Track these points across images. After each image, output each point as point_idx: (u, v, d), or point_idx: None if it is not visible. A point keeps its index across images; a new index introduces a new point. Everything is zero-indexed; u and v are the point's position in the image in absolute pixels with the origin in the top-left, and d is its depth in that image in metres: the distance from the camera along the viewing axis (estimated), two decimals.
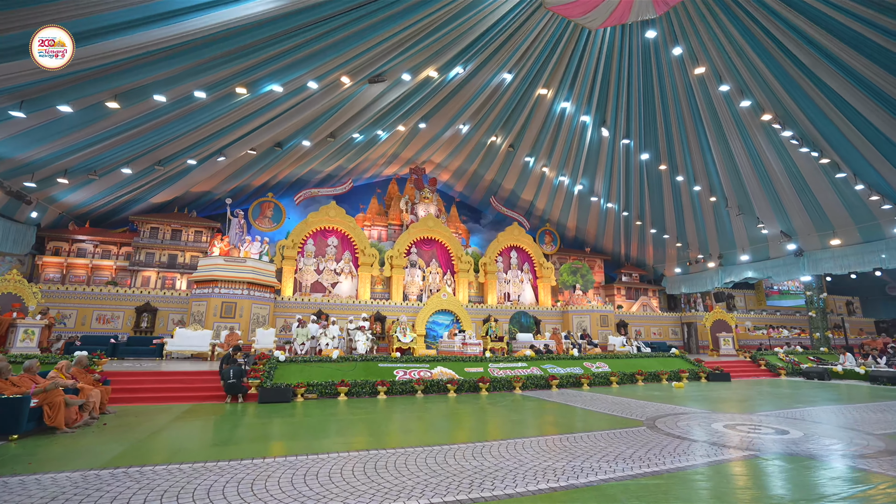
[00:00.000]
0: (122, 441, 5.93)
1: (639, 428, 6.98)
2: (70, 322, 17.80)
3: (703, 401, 10.26)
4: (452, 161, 26.56)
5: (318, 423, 7.66)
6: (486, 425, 7.62)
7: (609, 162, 23.03)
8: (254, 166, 20.45)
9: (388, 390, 11.11)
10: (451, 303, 20.82)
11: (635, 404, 9.59)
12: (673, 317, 28.20)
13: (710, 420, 7.68)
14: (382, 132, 20.73)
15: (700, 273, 27.84)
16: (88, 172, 16.32)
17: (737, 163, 20.03)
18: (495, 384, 12.19)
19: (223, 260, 18.07)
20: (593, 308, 24.00)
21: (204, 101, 13.96)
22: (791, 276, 23.79)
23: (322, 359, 12.31)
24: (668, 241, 27.50)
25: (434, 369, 12.64)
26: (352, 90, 16.70)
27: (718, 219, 23.98)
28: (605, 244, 30.06)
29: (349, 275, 22.81)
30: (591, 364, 14.74)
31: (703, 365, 16.05)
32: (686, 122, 19.45)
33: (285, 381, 10.65)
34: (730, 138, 19.01)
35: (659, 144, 21.11)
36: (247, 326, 17.63)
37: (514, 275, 26.37)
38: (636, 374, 14.24)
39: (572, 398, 10.69)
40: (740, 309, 31.58)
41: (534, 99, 19.93)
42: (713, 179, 21.63)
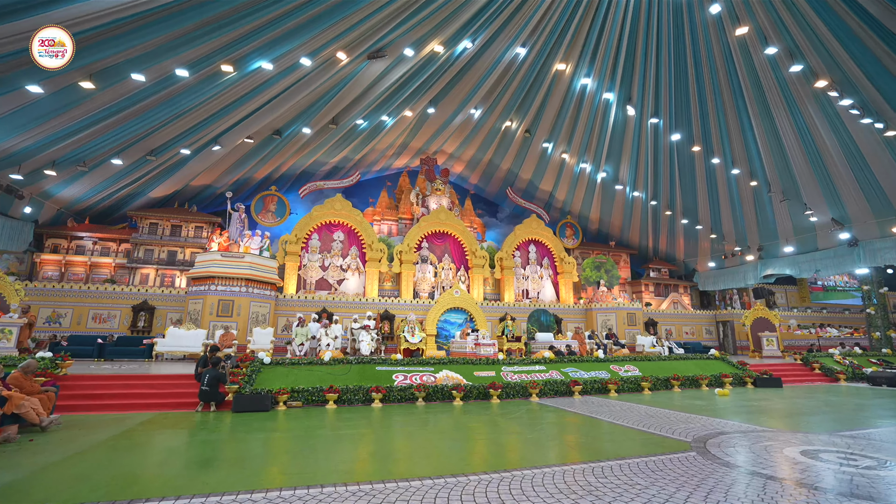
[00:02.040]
0: (19, 468, 4.67)
1: (686, 454, 5.35)
2: (65, 321, 17.18)
3: (758, 413, 8.48)
4: (465, 150, 25.07)
5: (288, 440, 6.32)
6: (487, 448, 6.08)
7: (635, 145, 21.08)
8: (253, 157, 19.41)
9: (385, 397, 9.77)
10: (465, 300, 19.51)
11: (675, 417, 7.91)
12: (706, 315, 26.09)
13: (779, 442, 5.96)
14: (388, 118, 19.39)
15: (737, 268, 25.85)
16: (77, 164, 15.53)
17: (782, 141, 17.77)
18: (508, 390, 10.74)
19: (220, 255, 17.11)
20: (619, 306, 22.18)
21: (188, 80, 12.89)
22: (843, 268, 21.41)
23: (312, 361, 11.03)
24: (700, 233, 25.45)
25: (439, 373, 11.25)
26: (350, 69, 15.40)
27: (759, 206, 21.73)
28: (631, 237, 28.12)
29: (356, 271, 21.61)
30: (619, 367, 13.09)
31: (747, 368, 14.17)
32: (724, 95, 17.33)
33: (268, 386, 9.48)
34: (775, 112, 16.79)
35: (692, 123, 19.03)
36: (245, 325, 16.66)
37: (533, 270, 24.79)
38: (671, 380, 12.49)
39: (598, 408, 9.08)
40: (781, 307, 29.17)
41: (551, 75, 18.22)
42: (754, 161, 19.42)
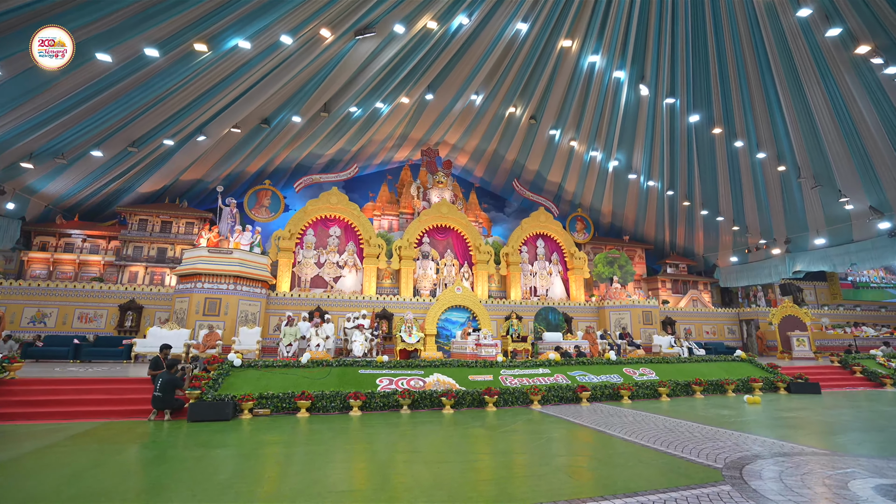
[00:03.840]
0: None
1: (718, 487, 4.04)
2: (50, 321, 16.54)
3: (800, 428, 7.07)
4: (469, 141, 23.83)
5: (227, 460, 5.17)
6: (464, 476, 4.86)
7: (649, 129, 19.53)
8: (243, 148, 18.49)
9: (365, 404, 8.66)
10: (467, 298, 18.35)
11: (700, 432, 6.57)
12: (729, 313, 24.37)
13: (838, 471, 4.57)
14: (382, 104, 18.27)
15: (762, 262, 24.13)
16: (56, 156, 14.79)
17: (814, 118, 16.04)
18: (507, 397, 9.53)
19: (207, 251, 16.27)
20: (634, 303, 20.67)
21: (159, 61, 11.94)
22: (882, 261, 19.68)
23: (288, 364, 9.97)
24: (722, 225, 23.74)
25: (429, 377, 10.08)
26: (337, 49, 14.30)
27: (787, 194, 19.99)
28: (646, 231, 26.52)
29: (353, 268, 20.59)
30: (633, 370, 11.73)
31: (779, 371, 12.61)
32: (748, 68, 15.69)
33: (235, 391, 8.45)
34: (806, 85, 15.08)
35: (712, 102, 17.41)
36: (233, 325, 15.78)
37: (542, 266, 23.46)
38: (692, 384, 11.08)
39: (608, 419, 7.78)
40: (810, 304, 27.23)
41: (556, 53, 16.85)
42: (782, 143, 17.72)
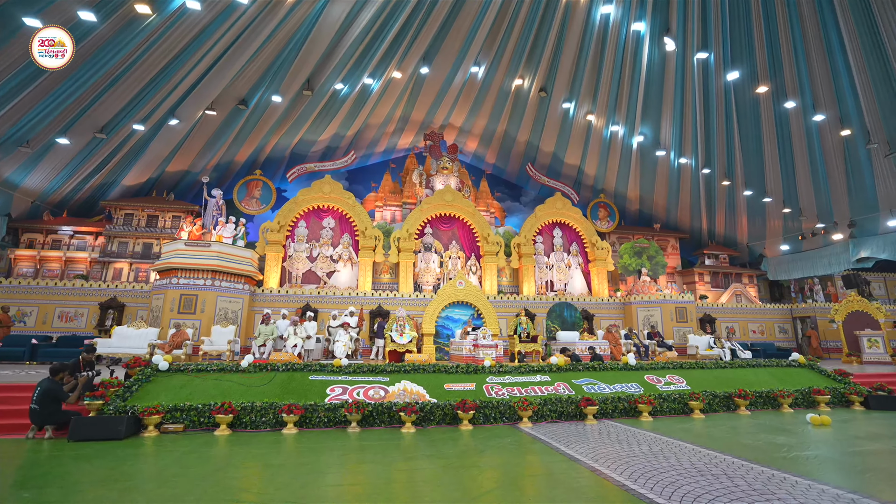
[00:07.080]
0: None
1: None
2: (30, 321, 15.79)
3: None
4: (475, 121, 21.76)
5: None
6: None
7: (678, 93, 16.74)
8: (224, 133, 17.18)
9: (304, 419, 6.92)
10: (470, 293, 16.34)
11: (746, 476, 4.33)
12: (780, 309, 21.20)
13: None
14: (371, 80, 16.48)
15: (818, 250, 20.99)
16: (20, 145, 13.88)
17: (890, 64, 12.91)
18: (488, 412, 7.57)
19: (184, 245, 15.07)
20: (665, 298, 18.01)
21: (101, 30, 10.60)
22: None
23: (224, 368, 8.31)
24: (769, 208, 20.61)
25: (393, 385, 8.24)
26: (304, 11, 12.59)
27: (852, 166, 16.79)
28: (680, 218, 23.62)
29: (348, 262, 18.97)
30: (658, 378, 9.43)
31: (850, 380, 9.92)
32: (803, 9, 12.84)
33: (150, 401, 6.92)
34: (880, 19, 11.98)
35: (755, 54, 14.51)
36: (210, 323, 14.47)
37: (559, 258, 21.12)
38: (735, 397, 8.67)
39: (615, 447, 5.62)
40: (880, 298, 23.43)
41: (562, 6, 14.50)
42: (846, 101, 14.60)
